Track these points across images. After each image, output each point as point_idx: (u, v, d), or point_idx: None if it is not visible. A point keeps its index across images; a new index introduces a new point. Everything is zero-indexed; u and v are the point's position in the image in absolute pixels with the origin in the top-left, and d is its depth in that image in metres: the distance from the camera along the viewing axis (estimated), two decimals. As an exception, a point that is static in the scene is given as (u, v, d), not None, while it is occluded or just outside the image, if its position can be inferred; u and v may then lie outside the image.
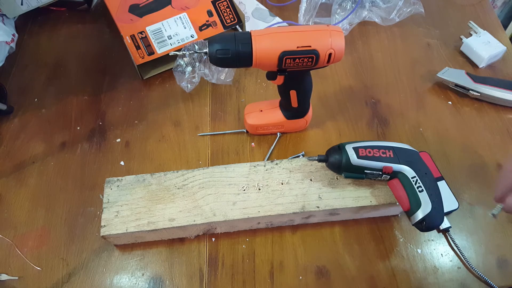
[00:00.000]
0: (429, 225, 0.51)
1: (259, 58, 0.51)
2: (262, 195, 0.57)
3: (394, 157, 0.53)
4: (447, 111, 0.71)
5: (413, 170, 0.52)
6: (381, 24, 0.81)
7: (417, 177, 0.52)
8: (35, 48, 0.83)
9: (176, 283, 0.56)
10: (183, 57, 0.72)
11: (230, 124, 0.71)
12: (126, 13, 0.74)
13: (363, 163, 0.53)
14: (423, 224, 0.51)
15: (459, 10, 0.85)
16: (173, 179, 0.58)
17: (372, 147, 0.53)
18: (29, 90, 0.77)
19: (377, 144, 0.54)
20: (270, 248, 0.58)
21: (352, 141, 0.55)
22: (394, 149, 0.54)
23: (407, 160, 0.53)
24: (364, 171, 0.53)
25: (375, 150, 0.53)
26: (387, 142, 0.55)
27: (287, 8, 0.86)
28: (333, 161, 0.55)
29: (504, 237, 0.58)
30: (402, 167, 0.52)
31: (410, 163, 0.53)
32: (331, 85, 0.75)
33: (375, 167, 0.53)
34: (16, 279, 0.57)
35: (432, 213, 0.50)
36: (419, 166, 0.53)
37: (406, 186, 0.52)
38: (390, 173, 0.53)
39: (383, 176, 0.54)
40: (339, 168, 0.54)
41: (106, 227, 0.55)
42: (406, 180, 0.52)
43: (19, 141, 0.70)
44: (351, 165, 0.53)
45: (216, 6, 0.76)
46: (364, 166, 0.53)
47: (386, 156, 0.53)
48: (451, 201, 0.59)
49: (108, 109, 0.73)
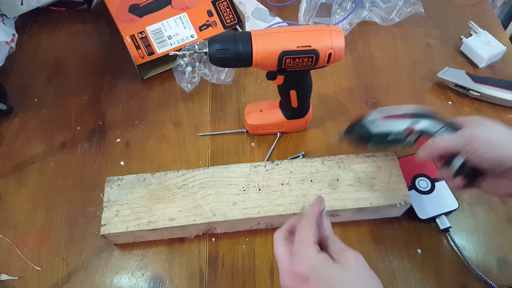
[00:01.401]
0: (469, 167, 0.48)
1: (259, 58, 0.51)
2: (262, 196, 0.57)
3: (415, 117, 0.51)
4: (447, 111, 0.71)
5: (436, 123, 0.50)
6: (381, 24, 0.81)
7: (445, 127, 0.50)
8: (35, 48, 0.83)
9: (176, 283, 0.56)
10: (183, 57, 0.72)
11: (230, 124, 0.71)
12: (126, 13, 0.74)
13: (386, 130, 0.53)
14: (464, 168, 0.49)
15: (459, 10, 0.85)
16: (174, 178, 0.58)
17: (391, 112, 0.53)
18: (29, 90, 0.77)
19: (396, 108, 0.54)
20: (270, 248, 0.58)
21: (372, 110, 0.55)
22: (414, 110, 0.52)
23: (426, 115, 0.51)
24: (387, 139, 0.53)
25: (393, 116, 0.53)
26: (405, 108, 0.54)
27: (287, 8, 0.86)
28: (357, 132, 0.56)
29: (504, 237, 0.58)
30: (424, 123, 0.51)
31: (430, 117, 0.51)
32: (331, 85, 0.75)
33: (398, 131, 0.52)
34: (16, 279, 0.57)
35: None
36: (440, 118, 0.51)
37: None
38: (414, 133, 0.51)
39: (408, 139, 0.52)
40: (363, 139, 0.55)
41: (106, 226, 0.55)
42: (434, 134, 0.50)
43: (19, 141, 0.70)
44: (375, 134, 0.53)
45: (216, 6, 0.76)
46: (387, 133, 0.53)
47: (407, 118, 0.52)
48: (451, 201, 0.59)
49: (108, 109, 0.73)
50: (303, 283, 0.37)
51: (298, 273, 0.38)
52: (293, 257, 0.39)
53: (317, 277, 0.37)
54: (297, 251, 0.39)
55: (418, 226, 0.59)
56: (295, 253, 0.39)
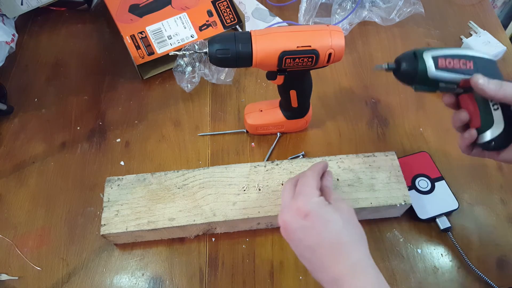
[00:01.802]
0: (497, 145, 0.46)
1: (259, 58, 0.51)
2: (262, 196, 0.57)
3: (474, 69, 0.46)
4: (447, 111, 0.70)
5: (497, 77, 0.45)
6: (381, 24, 0.81)
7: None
8: (35, 48, 0.83)
9: (176, 283, 0.56)
10: (183, 57, 0.72)
11: (230, 124, 0.71)
12: (126, 13, 0.74)
13: (441, 76, 0.46)
14: (491, 144, 0.46)
15: (459, 10, 0.85)
16: (174, 178, 0.58)
17: (452, 56, 0.46)
18: (29, 90, 0.77)
19: (457, 52, 0.46)
20: (270, 248, 0.58)
21: (430, 48, 0.47)
22: (475, 59, 0.46)
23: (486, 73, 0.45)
24: (438, 84, 0.47)
25: (455, 60, 0.46)
26: (468, 51, 0.47)
27: (287, 8, 0.86)
28: (406, 70, 0.47)
29: (504, 237, 0.58)
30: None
31: (491, 70, 0.46)
32: (331, 85, 0.75)
33: (453, 80, 0.46)
34: (16, 279, 0.57)
35: (503, 134, 0.45)
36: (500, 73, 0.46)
37: (480, 102, 0.46)
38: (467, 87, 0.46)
39: (457, 89, 0.47)
40: (411, 80, 0.48)
41: (106, 226, 0.55)
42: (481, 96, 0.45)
43: (19, 141, 0.70)
44: (427, 77, 0.46)
45: (216, 6, 0.76)
46: (441, 79, 0.46)
47: (466, 68, 0.46)
48: (451, 201, 0.59)
49: (108, 109, 0.73)
50: (303, 217, 0.43)
51: (300, 208, 0.44)
52: (297, 195, 0.46)
53: (316, 214, 0.43)
54: (300, 191, 0.46)
55: (418, 226, 0.59)
56: (298, 193, 0.46)
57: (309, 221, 0.43)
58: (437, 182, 0.61)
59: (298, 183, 0.48)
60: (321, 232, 0.43)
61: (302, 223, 0.43)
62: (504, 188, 0.62)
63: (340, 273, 0.41)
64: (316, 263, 0.43)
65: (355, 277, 0.41)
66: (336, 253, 0.42)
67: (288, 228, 0.45)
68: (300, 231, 0.44)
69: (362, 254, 0.42)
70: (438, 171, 0.62)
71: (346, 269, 0.41)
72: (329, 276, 0.42)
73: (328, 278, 0.42)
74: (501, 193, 0.62)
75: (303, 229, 0.43)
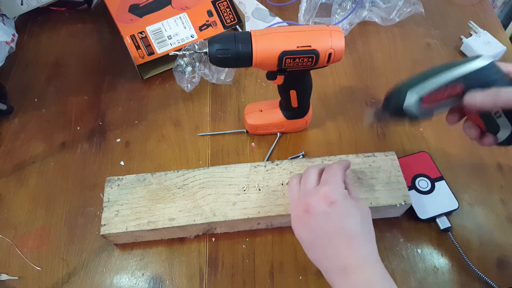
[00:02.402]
0: (509, 143, 0.45)
1: (259, 58, 0.51)
2: (263, 196, 0.57)
3: (465, 89, 0.43)
4: (447, 111, 0.71)
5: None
6: (381, 24, 0.81)
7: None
8: (35, 48, 0.83)
9: (176, 283, 0.56)
10: (183, 57, 0.72)
11: (230, 124, 0.71)
12: (126, 13, 0.74)
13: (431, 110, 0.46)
14: (504, 144, 0.46)
15: (459, 10, 0.85)
16: (174, 178, 0.58)
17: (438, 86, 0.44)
18: (29, 90, 0.77)
19: (444, 79, 0.44)
20: (270, 248, 0.58)
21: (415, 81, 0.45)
22: (465, 78, 0.43)
23: (482, 84, 0.42)
24: (431, 114, 0.46)
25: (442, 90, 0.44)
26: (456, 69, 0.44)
27: (287, 8, 0.86)
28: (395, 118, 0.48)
29: (504, 237, 0.58)
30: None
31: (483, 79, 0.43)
32: (331, 85, 0.75)
33: (444, 108, 0.47)
34: (16, 279, 0.57)
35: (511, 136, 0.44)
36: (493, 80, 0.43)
37: (482, 114, 0.45)
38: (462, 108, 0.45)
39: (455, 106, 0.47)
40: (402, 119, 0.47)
41: (106, 226, 0.55)
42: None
43: (19, 141, 0.70)
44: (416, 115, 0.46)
45: (216, 6, 0.76)
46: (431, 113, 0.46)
47: (455, 94, 0.44)
48: (451, 201, 0.60)
49: (108, 109, 0.73)
50: (329, 204, 0.46)
51: (327, 195, 0.46)
52: (324, 183, 0.48)
53: (341, 203, 0.46)
54: (327, 180, 0.48)
55: (418, 226, 0.59)
56: (325, 181, 0.48)
57: (334, 208, 0.45)
58: (437, 182, 0.61)
59: (325, 172, 0.50)
60: (342, 221, 0.45)
61: (327, 209, 0.45)
62: (504, 188, 0.62)
63: (350, 263, 0.43)
64: (328, 250, 0.45)
65: (363, 268, 0.43)
66: (351, 244, 0.44)
67: (311, 211, 0.46)
68: (323, 216, 0.45)
69: (372, 249, 0.45)
70: (438, 171, 0.62)
71: (356, 260, 0.43)
72: (338, 265, 0.44)
73: (336, 267, 0.44)
74: (501, 193, 0.62)
75: (327, 215, 0.45)
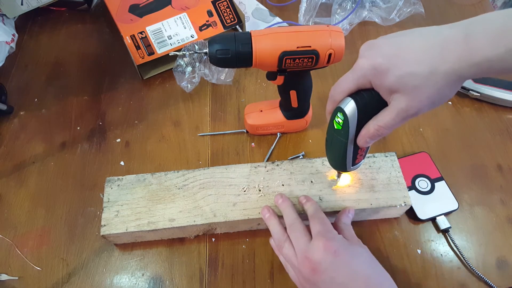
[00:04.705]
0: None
1: (259, 58, 0.51)
2: (263, 196, 0.57)
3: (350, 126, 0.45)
4: (447, 111, 0.71)
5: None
6: (381, 24, 0.81)
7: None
8: (35, 48, 0.83)
9: (176, 283, 0.56)
10: (183, 57, 0.72)
11: (230, 124, 0.71)
12: (126, 13, 0.74)
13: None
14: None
15: (459, 10, 0.85)
16: (174, 179, 0.58)
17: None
18: (29, 90, 0.77)
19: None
20: (270, 248, 0.58)
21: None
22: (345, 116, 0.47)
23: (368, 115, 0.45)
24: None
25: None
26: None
27: (287, 8, 0.86)
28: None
29: (504, 237, 0.58)
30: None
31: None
32: (331, 85, 0.74)
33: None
34: (16, 279, 0.57)
35: None
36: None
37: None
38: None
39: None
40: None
41: (106, 226, 0.55)
42: None
43: (19, 141, 0.70)
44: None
45: (216, 6, 0.75)
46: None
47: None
48: (451, 201, 0.60)
49: (108, 109, 0.73)
50: (333, 254, 0.44)
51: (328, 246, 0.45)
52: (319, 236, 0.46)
53: (344, 250, 0.45)
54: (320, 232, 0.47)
55: (418, 226, 0.59)
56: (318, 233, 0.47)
57: (338, 257, 0.44)
58: (437, 182, 0.61)
59: (312, 223, 0.49)
60: (352, 266, 0.44)
61: (332, 260, 0.44)
62: (503, 188, 0.62)
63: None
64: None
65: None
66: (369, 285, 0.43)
67: (318, 269, 0.44)
68: (331, 269, 0.44)
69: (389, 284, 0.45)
70: (438, 171, 0.62)
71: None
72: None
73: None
74: (501, 193, 0.62)
75: (334, 266, 0.44)
